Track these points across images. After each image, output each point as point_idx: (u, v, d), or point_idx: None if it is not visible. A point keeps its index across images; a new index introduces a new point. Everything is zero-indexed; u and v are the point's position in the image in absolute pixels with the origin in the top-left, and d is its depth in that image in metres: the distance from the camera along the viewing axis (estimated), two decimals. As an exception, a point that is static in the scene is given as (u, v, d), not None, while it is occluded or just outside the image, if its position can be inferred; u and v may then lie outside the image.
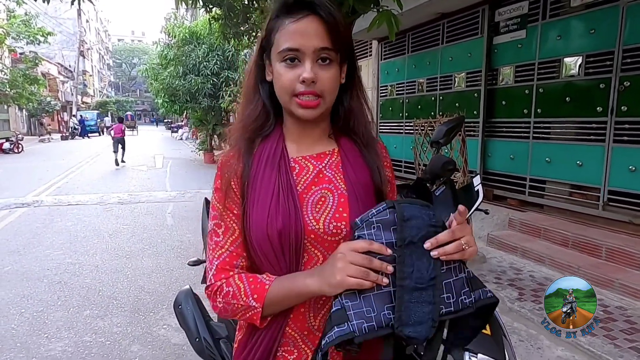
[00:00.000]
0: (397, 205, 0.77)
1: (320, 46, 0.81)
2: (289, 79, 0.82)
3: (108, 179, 10.17)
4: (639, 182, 3.93)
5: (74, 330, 2.92)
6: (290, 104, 0.84)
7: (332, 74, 0.83)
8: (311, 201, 0.86)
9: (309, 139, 0.91)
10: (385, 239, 0.76)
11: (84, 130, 30.77)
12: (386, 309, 0.74)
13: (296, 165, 0.89)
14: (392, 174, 0.97)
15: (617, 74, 4.02)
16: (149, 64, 15.45)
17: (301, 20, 0.81)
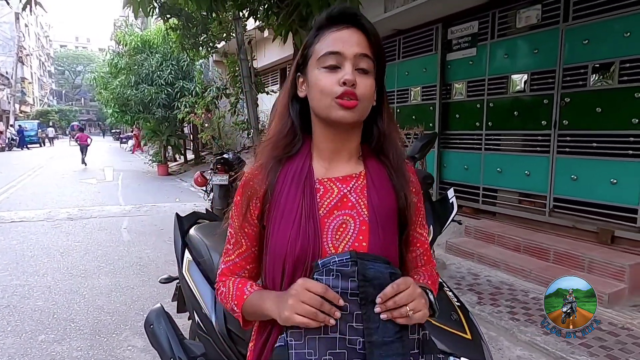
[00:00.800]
0: (360, 264, 0.78)
1: (361, 52, 0.83)
2: (330, 82, 0.83)
3: (54, 193, 9.58)
4: (580, 190, 4.27)
5: (29, 357, 2.72)
6: (329, 107, 0.83)
7: (369, 83, 0.85)
8: (332, 227, 0.86)
9: (339, 158, 0.91)
10: (342, 289, 0.78)
11: (22, 141, 28.79)
12: (328, 354, 0.77)
13: (321, 187, 0.89)
14: (420, 198, 0.97)
15: (559, 90, 4.37)
16: (98, 72, 14.81)
17: (343, 30, 0.85)
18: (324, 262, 0.79)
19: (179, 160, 16.08)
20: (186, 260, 2.07)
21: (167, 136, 13.15)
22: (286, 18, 3.82)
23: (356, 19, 0.85)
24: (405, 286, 0.77)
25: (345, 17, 0.85)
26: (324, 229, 0.85)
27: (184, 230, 2.21)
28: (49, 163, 17.52)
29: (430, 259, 1.01)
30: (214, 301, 1.86)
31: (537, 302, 3.50)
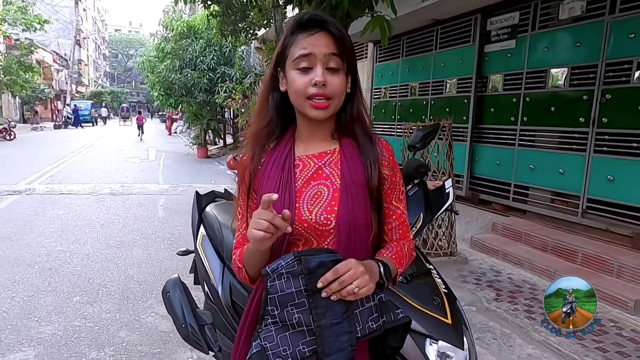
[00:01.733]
0: (303, 258, 0.87)
1: (329, 52, 0.95)
2: (302, 83, 0.96)
3: (101, 169, 10.19)
4: (616, 192, 4.08)
5: (64, 315, 3.00)
6: (304, 106, 0.97)
7: (339, 80, 0.97)
8: (308, 194, 0.99)
9: (316, 138, 1.05)
10: (295, 288, 0.87)
11: (77, 120, 30.57)
12: (301, 344, 0.87)
13: (300, 163, 1.03)
14: (395, 172, 1.07)
15: (600, 86, 4.17)
16: (146, 56, 15.44)
17: (313, 35, 0.97)
18: (273, 268, 0.88)
19: (218, 143, 16.57)
20: (200, 235, 2.21)
21: (207, 120, 13.55)
22: (317, 6, 3.86)
23: (324, 24, 0.97)
24: (346, 268, 0.86)
25: (315, 23, 0.97)
26: (301, 196, 0.98)
27: (202, 208, 2.35)
28: (99, 141, 18.55)
29: (405, 233, 1.09)
30: (221, 274, 1.99)
31: (557, 303, 3.42)
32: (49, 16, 24.32)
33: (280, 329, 0.88)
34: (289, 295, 0.87)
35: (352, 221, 0.95)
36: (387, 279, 0.95)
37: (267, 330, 0.89)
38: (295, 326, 0.87)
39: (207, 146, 14.63)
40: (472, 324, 3.08)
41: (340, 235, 0.95)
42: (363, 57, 8.95)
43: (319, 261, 0.87)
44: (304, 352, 0.86)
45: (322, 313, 0.86)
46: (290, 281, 0.87)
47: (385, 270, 0.95)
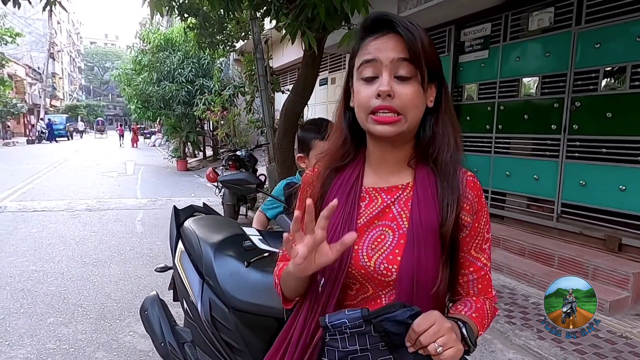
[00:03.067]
0: (375, 324, 0.75)
1: (397, 57, 0.79)
2: (366, 95, 0.81)
3: (76, 184, 9.94)
4: (588, 196, 4.20)
5: (37, 338, 2.89)
6: (367, 122, 0.83)
7: (411, 90, 0.80)
8: (370, 237, 0.85)
9: (387, 165, 0.89)
10: (360, 345, 0.77)
11: (51, 135, 29.82)
12: None
13: (367, 196, 0.89)
14: (479, 217, 0.88)
15: (569, 94, 4.31)
16: (122, 68, 15.25)
17: (380, 37, 0.82)
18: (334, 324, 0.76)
19: (198, 156, 16.40)
20: (179, 250, 2.17)
21: (186, 132, 13.43)
22: (294, 19, 3.89)
23: (392, 24, 0.81)
24: (428, 324, 0.72)
25: (380, 23, 0.83)
26: (361, 239, 0.85)
27: (180, 222, 2.31)
28: (74, 156, 18.13)
29: (486, 288, 0.91)
30: (201, 290, 1.95)
31: (536, 306, 3.48)
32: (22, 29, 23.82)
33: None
34: (352, 351, 0.78)
35: (416, 276, 0.81)
36: (474, 343, 0.80)
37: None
38: None
39: (186, 159, 14.47)
40: (454, 331, 3.10)
41: (401, 290, 0.82)
42: (341, 68, 9.06)
43: (397, 322, 0.75)
44: None
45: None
46: (355, 339, 0.77)
47: (468, 331, 0.79)
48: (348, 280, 0.86)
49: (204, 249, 2.02)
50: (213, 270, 1.93)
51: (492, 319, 0.90)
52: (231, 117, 10.47)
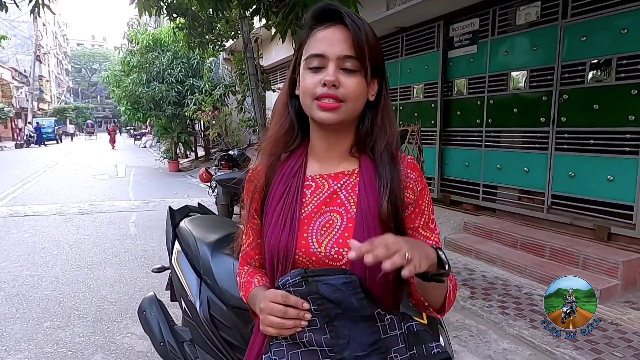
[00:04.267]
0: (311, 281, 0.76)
1: (344, 54, 0.82)
2: (312, 82, 0.83)
3: (68, 188, 9.85)
4: (577, 187, 4.28)
5: (34, 342, 2.89)
6: (311, 108, 0.85)
7: (355, 81, 0.83)
8: (318, 223, 0.87)
9: (332, 154, 0.91)
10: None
11: (40, 138, 29.46)
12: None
13: (312, 183, 0.91)
14: (422, 196, 0.90)
15: (557, 87, 4.37)
16: (111, 70, 15.12)
17: (328, 28, 0.84)
18: (282, 282, 0.80)
19: (190, 157, 16.32)
20: (176, 250, 2.18)
21: (178, 133, 13.36)
22: (284, 17, 3.90)
23: (340, 16, 0.83)
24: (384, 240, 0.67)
25: (329, 14, 0.84)
26: (310, 224, 0.87)
27: (175, 223, 2.32)
28: (64, 159, 17.95)
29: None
30: (199, 289, 1.97)
31: (528, 297, 3.54)
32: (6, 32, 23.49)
33: (291, 345, 0.79)
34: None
35: None
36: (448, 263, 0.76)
37: (278, 345, 0.81)
38: (307, 345, 0.78)
39: (178, 160, 14.40)
40: (449, 322, 3.15)
41: (355, 271, 0.82)
42: (331, 65, 9.06)
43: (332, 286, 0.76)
44: None
45: (344, 343, 0.75)
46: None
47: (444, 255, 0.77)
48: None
49: (200, 249, 2.03)
50: (211, 269, 1.94)
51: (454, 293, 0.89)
52: (222, 117, 10.44)
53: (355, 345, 0.74)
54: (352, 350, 0.74)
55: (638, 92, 3.71)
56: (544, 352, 2.79)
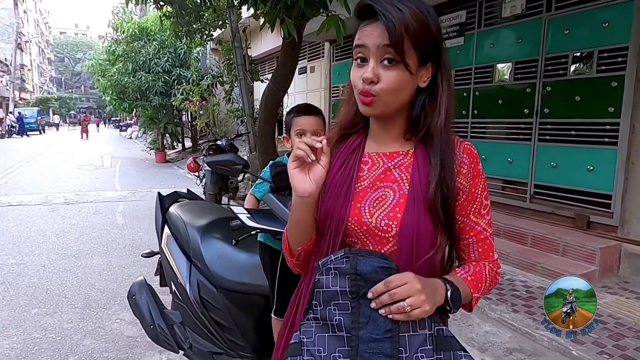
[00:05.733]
0: (352, 257, 0.80)
1: (382, 43, 0.85)
2: (356, 77, 0.90)
3: (52, 179, 9.71)
4: (559, 177, 4.39)
5: (22, 328, 2.89)
6: (358, 99, 0.91)
7: (395, 74, 0.86)
8: (372, 196, 0.92)
9: (387, 137, 0.97)
10: (340, 287, 0.80)
11: (22, 128, 28.86)
12: (337, 352, 0.79)
13: (369, 160, 0.97)
14: (476, 182, 0.93)
15: (541, 79, 4.47)
16: (96, 59, 14.83)
17: (369, 24, 0.88)
18: (323, 262, 0.83)
19: (177, 147, 16.18)
20: (165, 235, 2.21)
21: (164, 124, 13.22)
22: (273, 6, 3.90)
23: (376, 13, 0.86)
24: (401, 282, 0.77)
25: (368, 10, 0.88)
26: (364, 197, 0.92)
27: (165, 208, 2.34)
28: (48, 150, 17.65)
29: (487, 252, 0.96)
30: (189, 272, 2.00)
31: (510, 283, 3.65)
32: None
33: (320, 327, 0.82)
34: (334, 293, 0.81)
35: (416, 232, 0.86)
36: (454, 305, 0.84)
37: (308, 325, 0.83)
38: (335, 329, 0.80)
39: (165, 151, 14.27)
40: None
41: (402, 245, 0.87)
42: (320, 56, 9.07)
43: (370, 265, 0.79)
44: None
45: (363, 322, 0.78)
46: (337, 278, 0.81)
47: (454, 294, 0.84)
48: (350, 239, 0.92)
49: (190, 233, 2.06)
50: (200, 252, 1.98)
51: (492, 282, 0.95)
52: (210, 107, 10.37)
53: (373, 327, 0.77)
54: (369, 331, 0.77)
55: (618, 85, 3.82)
56: (524, 334, 2.90)
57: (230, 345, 1.91)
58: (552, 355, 2.67)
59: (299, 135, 1.74)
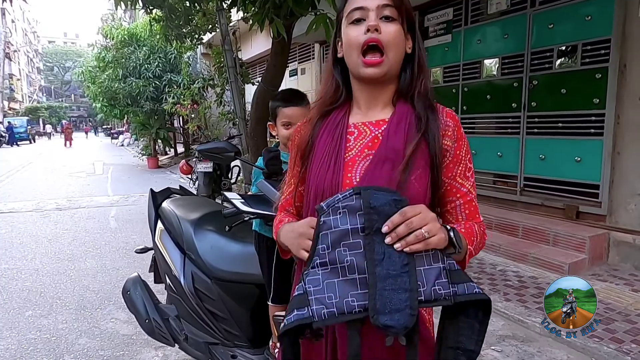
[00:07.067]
0: (364, 192, 0.77)
1: (382, 3, 0.91)
2: (355, 34, 0.92)
3: (44, 186, 9.64)
4: (548, 169, 4.46)
5: (17, 330, 2.88)
6: (357, 65, 0.93)
7: (395, 28, 0.92)
8: (361, 165, 0.94)
9: (376, 106, 0.99)
10: (351, 225, 0.76)
11: (12, 138, 28.60)
12: (350, 296, 0.74)
13: (355, 130, 0.99)
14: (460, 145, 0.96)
15: (527, 73, 4.54)
16: (85, 66, 14.77)
17: None
18: (329, 202, 0.78)
19: (169, 153, 16.13)
20: (158, 229, 2.22)
21: (156, 129, 13.18)
22: (261, 7, 3.93)
23: None
24: (415, 212, 0.76)
25: None
26: (354, 166, 0.94)
27: (157, 204, 2.36)
28: (38, 159, 17.51)
29: (474, 214, 0.98)
30: (182, 264, 2.02)
31: (502, 273, 3.70)
32: (-27, 28, 22.64)
33: (328, 272, 0.75)
34: (344, 233, 0.76)
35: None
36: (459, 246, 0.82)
37: (313, 273, 0.76)
38: (347, 272, 0.75)
39: (157, 156, 14.22)
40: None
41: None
42: (310, 58, 9.12)
43: (383, 199, 0.77)
44: (352, 306, 0.73)
45: (379, 260, 0.74)
46: (347, 217, 0.76)
47: (455, 233, 0.83)
48: None
49: (184, 226, 2.08)
50: (194, 244, 2.00)
51: (482, 239, 0.95)
52: (202, 110, 10.36)
53: (389, 262, 0.74)
54: (385, 267, 0.74)
55: (602, 76, 3.90)
56: (516, 321, 2.94)
57: (226, 335, 1.92)
58: (544, 340, 2.70)
59: (285, 126, 1.77)
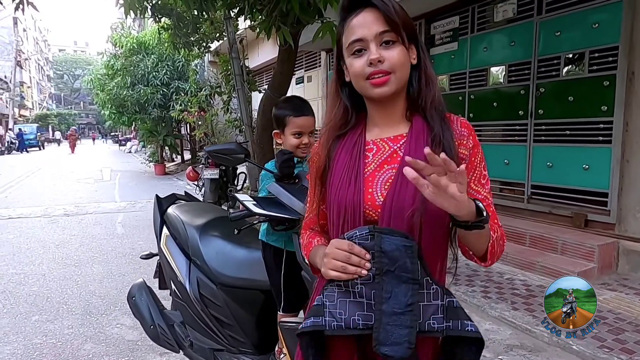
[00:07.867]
0: (377, 237, 0.85)
1: (380, 30, 0.91)
2: (359, 65, 0.93)
3: (52, 192, 9.73)
4: (555, 177, 4.42)
5: (23, 334, 2.89)
6: (365, 88, 0.94)
7: (397, 51, 0.92)
8: (382, 178, 0.95)
9: (391, 121, 1.00)
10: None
11: (22, 145, 28.98)
12: (357, 315, 0.86)
13: (374, 147, 0.99)
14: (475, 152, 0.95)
15: (534, 81, 4.52)
16: (94, 74, 14.97)
17: (359, 14, 0.93)
18: (349, 235, 0.88)
19: (176, 160, 16.23)
20: (164, 235, 2.23)
21: (163, 136, 13.28)
22: (268, 14, 3.97)
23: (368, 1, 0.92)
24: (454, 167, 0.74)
25: (356, 2, 0.94)
26: (374, 181, 0.95)
27: (163, 210, 2.37)
28: (47, 165, 17.69)
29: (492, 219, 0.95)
30: (188, 270, 2.02)
31: (510, 282, 3.66)
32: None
33: (342, 292, 0.88)
34: None
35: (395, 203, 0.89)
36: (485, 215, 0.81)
37: (331, 290, 0.89)
38: (357, 296, 0.87)
39: (164, 163, 14.32)
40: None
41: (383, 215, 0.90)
42: (317, 65, 9.17)
43: (393, 244, 0.84)
44: (357, 323, 0.86)
45: (386, 298, 0.84)
46: None
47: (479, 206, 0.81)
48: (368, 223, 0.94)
49: (189, 232, 2.08)
50: (199, 250, 2.00)
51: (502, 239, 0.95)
52: (209, 117, 10.44)
53: (395, 301, 0.83)
54: (391, 305, 0.83)
55: (610, 84, 3.88)
56: (524, 331, 2.90)
57: (231, 342, 1.92)
58: (552, 350, 2.67)
59: (296, 135, 1.77)
